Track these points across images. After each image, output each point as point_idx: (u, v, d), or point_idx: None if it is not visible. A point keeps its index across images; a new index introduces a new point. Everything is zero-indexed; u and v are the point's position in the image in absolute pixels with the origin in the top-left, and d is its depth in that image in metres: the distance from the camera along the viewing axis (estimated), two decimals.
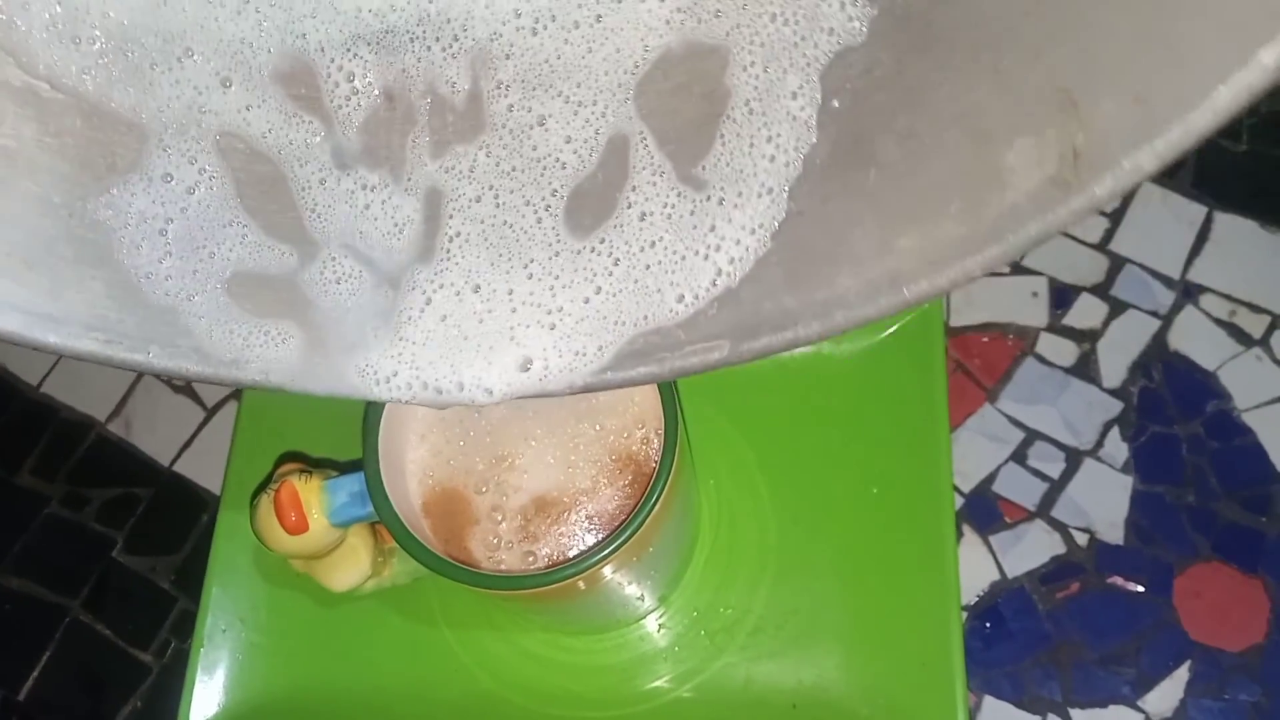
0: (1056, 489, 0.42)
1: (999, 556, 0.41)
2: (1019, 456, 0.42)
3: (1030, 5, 0.19)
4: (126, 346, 0.25)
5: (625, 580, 0.33)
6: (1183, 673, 0.39)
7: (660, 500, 0.28)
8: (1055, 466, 0.42)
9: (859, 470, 0.39)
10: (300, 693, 0.39)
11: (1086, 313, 0.44)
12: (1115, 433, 0.42)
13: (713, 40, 0.24)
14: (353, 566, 0.35)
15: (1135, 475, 0.42)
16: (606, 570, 0.30)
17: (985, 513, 0.42)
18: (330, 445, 0.40)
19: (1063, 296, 0.45)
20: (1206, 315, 0.44)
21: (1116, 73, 0.18)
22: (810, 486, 0.40)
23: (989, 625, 0.40)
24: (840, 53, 0.23)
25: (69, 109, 0.24)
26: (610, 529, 0.30)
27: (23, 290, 0.24)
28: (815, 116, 0.23)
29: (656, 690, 0.38)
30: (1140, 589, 0.40)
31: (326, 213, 0.26)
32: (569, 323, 0.25)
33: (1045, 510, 0.41)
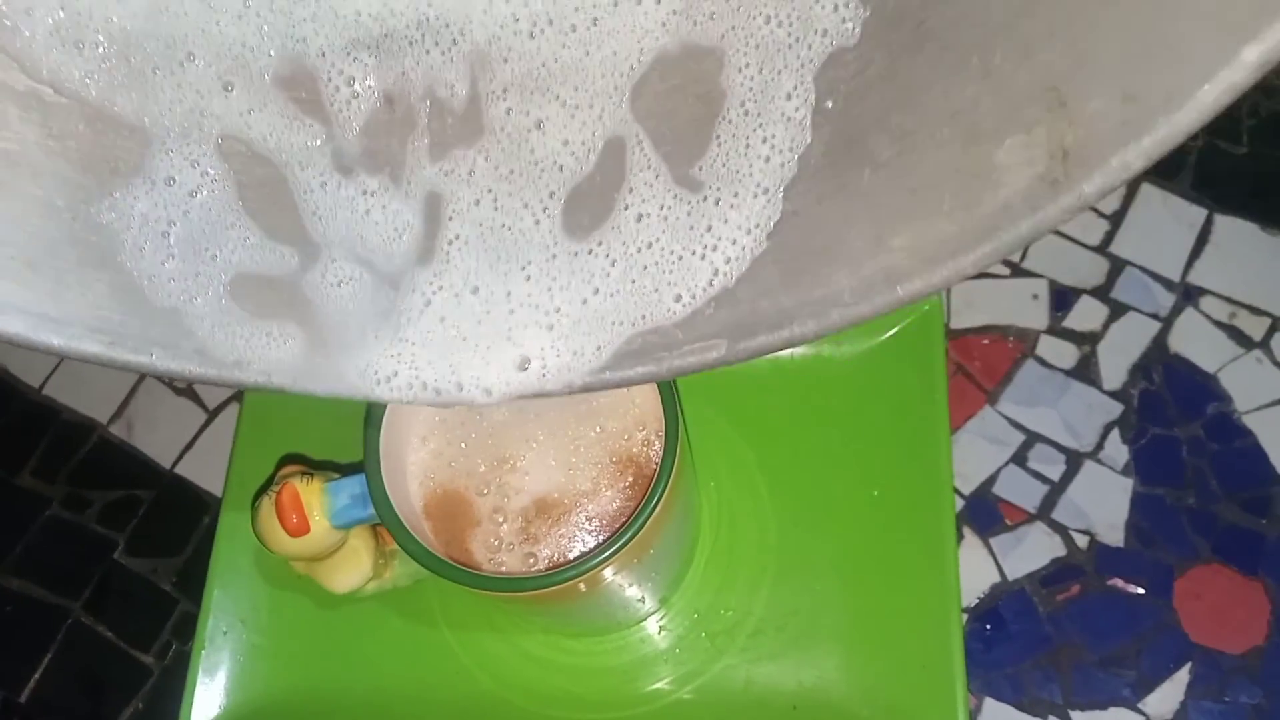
0: (1057, 491, 0.42)
1: (999, 558, 0.41)
2: (1019, 458, 0.42)
3: (1021, 5, 0.19)
4: (129, 348, 0.25)
5: (626, 582, 0.33)
6: (1183, 675, 0.39)
7: (661, 502, 0.28)
8: (1055, 469, 0.42)
9: (859, 472, 0.40)
10: (301, 694, 0.39)
11: (1087, 315, 0.44)
12: (1115, 435, 0.42)
13: (708, 42, 0.24)
14: (354, 568, 0.36)
15: (1135, 477, 0.42)
16: (607, 572, 0.30)
17: (985, 515, 0.42)
18: (332, 447, 0.40)
19: (1063, 299, 0.45)
20: (1207, 317, 0.44)
21: (1105, 72, 0.18)
22: (811, 488, 0.40)
23: (989, 627, 0.40)
24: (834, 54, 0.23)
25: (72, 113, 0.24)
26: (611, 531, 0.30)
27: (26, 293, 0.24)
28: (809, 117, 0.23)
29: (657, 692, 0.38)
30: (1140, 591, 0.40)
31: (328, 216, 0.26)
32: (567, 323, 0.25)
33: (1045, 512, 0.41)
